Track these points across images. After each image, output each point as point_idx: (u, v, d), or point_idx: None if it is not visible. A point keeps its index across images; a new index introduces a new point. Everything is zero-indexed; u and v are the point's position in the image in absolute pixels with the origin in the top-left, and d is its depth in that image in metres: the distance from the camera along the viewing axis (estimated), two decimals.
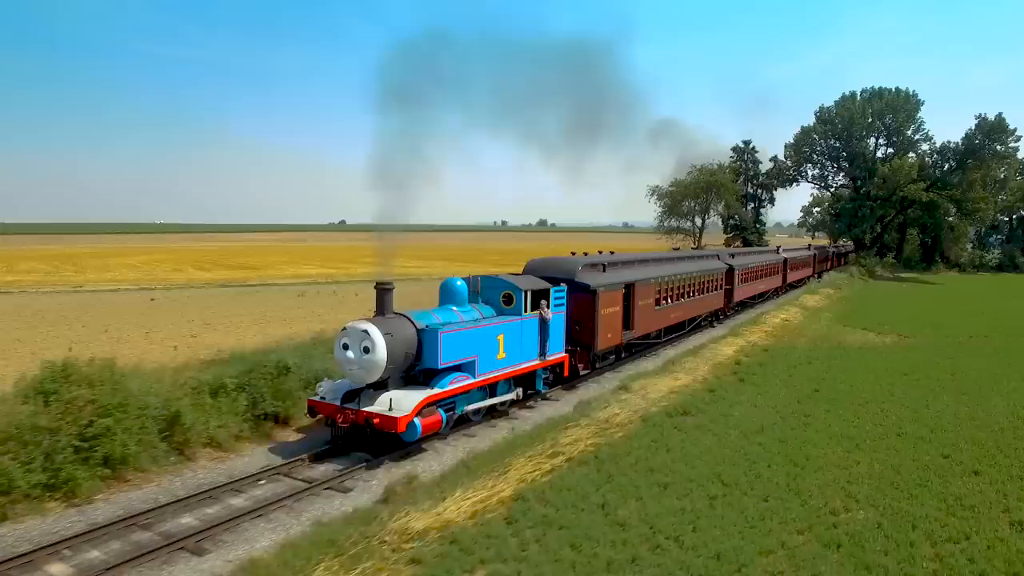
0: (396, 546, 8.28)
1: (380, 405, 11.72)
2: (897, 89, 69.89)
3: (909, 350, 24.76)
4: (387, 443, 12.00)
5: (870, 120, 70.24)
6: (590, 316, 17.14)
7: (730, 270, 30.23)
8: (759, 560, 8.42)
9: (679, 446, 12.63)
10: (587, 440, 12.47)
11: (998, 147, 66.96)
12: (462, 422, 13.72)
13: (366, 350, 11.63)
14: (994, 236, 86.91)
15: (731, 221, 65.50)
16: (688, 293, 24.87)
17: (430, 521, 8.87)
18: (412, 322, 12.61)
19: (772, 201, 70.90)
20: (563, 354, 16.25)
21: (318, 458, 11.88)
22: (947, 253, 78.32)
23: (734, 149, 68.50)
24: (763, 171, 69.99)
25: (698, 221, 61.62)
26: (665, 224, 61.20)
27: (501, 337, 14.05)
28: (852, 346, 25.43)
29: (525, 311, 14.75)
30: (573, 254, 20.60)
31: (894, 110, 69.14)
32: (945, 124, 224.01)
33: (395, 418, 11.24)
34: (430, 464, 11.72)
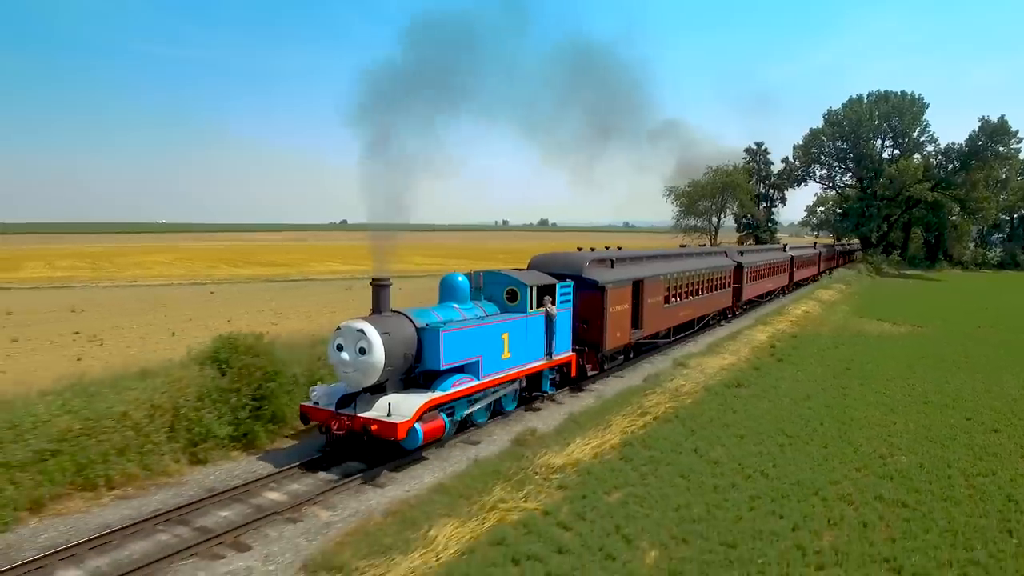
0: (545, 476, 10.46)
1: (378, 410, 11.04)
2: (903, 92, 72.48)
3: (923, 338, 26.95)
4: (385, 451, 11.38)
5: (877, 122, 72.72)
6: (598, 314, 16.32)
7: (739, 268, 29.55)
8: (830, 487, 10.60)
9: (743, 409, 14.87)
10: (665, 404, 14.70)
11: (1000, 148, 69.45)
12: (465, 427, 13.02)
13: (362, 351, 10.81)
14: (996, 235, 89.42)
15: (744, 220, 68.00)
16: (697, 291, 24.23)
17: (564, 459, 11.08)
18: (411, 321, 11.78)
19: (783, 201, 73.59)
20: (570, 353, 15.43)
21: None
22: (950, 251, 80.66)
23: (747, 150, 71.10)
24: (775, 172, 72.50)
25: (714, 220, 64.15)
26: (682, 223, 63.76)
27: (506, 336, 13.21)
28: (871, 334, 27.64)
29: (530, 308, 13.88)
30: (579, 249, 19.27)
31: (900, 113, 71.67)
32: (945, 124, 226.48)
33: (394, 424, 10.48)
34: (537, 424, 13.79)
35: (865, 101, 73.13)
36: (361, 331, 10.80)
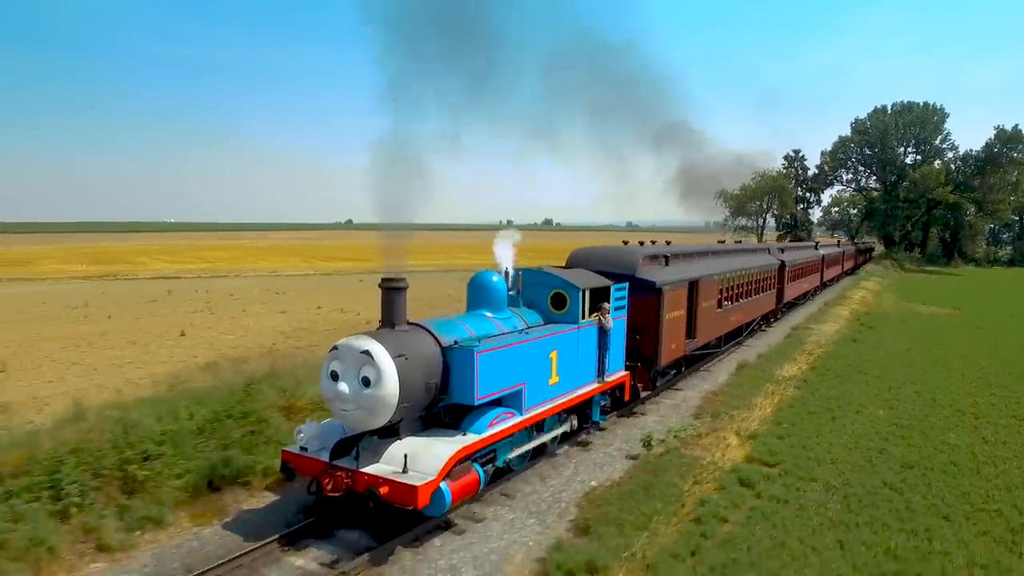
0: (784, 381, 16.67)
1: (389, 463, 8.31)
2: (925, 103, 79.43)
3: (968, 317, 33.15)
4: (400, 518, 8.46)
5: (902, 131, 79.63)
6: (652, 322, 13.92)
7: (782, 266, 27.35)
8: (958, 390, 16.73)
9: (868, 353, 21.10)
10: (816, 351, 20.94)
11: (1015, 155, 76.28)
12: (500, 475, 10.17)
13: (366, 382, 8.05)
14: (1006, 234, 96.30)
15: (784, 220, 74.94)
16: (747, 292, 21.92)
17: (787, 373, 17.32)
18: (434, 336, 9.06)
19: (819, 202, 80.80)
20: (624, 373, 12.95)
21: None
22: (964, 249, 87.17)
23: (786, 157, 78.34)
24: (810, 176, 79.61)
25: (760, 221, 71.13)
26: (731, 223, 70.69)
27: (554, 354, 10.60)
28: (924, 314, 33.86)
29: (582, 317, 11.27)
30: (625, 243, 16.83)
31: (923, 122, 78.59)
32: (951, 123, 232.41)
33: (413, 487, 7.73)
34: (739, 358, 19.80)
35: (889, 111, 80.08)
36: (366, 353, 8.04)
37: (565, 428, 11.37)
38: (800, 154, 79.16)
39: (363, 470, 8.07)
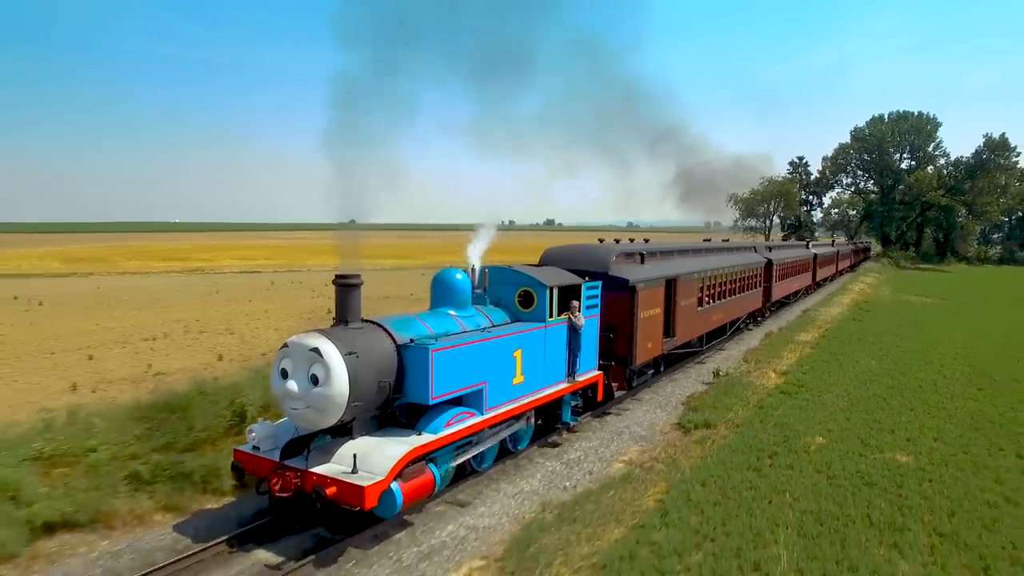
0: (800, 343, 22.40)
1: (339, 463, 8.24)
2: (920, 113, 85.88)
3: (955, 305, 38.76)
4: (348, 517, 8.38)
5: (898, 139, 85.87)
6: (627, 321, 13.92)
7: (768, 264, 27.67)
8: (933, 352, 22.40)
9: (868, 328, 26.82)
10: (824, 326, 26.68)
11: (1001, 161, 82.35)
12: (462, 475, 10.19)
13: (315, 380, 7.96)
14: (996, 234, 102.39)
15: (788, 221, 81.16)
16: (730, 291, 22.16)
17: (804, 337, 23.09)
18: (389, 334, 8.98)
19: (821, 205, 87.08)
20: (596, 372, 12.90)
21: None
22: (957, 248, 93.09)
23: (791, 163, 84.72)
24: (813, 180, 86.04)
25: (767, 222, 77.41)
26: (740, 224, 77.03)
27: (519, 353, 10.57)
28: (915, 303, 39.54)
29: (550, 316, 11.24)
30: (601, 241, 17.17)
31: (917, 131, 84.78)
32: (946, 125, 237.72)
33: (360, 487, 7.59)
34: (765, 329, 25.57)
35: (886, 120, 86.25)
36: (315, 351, 8.00)
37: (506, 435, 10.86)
38: (803, 160, 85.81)
39: (312, 470, 8.02)
